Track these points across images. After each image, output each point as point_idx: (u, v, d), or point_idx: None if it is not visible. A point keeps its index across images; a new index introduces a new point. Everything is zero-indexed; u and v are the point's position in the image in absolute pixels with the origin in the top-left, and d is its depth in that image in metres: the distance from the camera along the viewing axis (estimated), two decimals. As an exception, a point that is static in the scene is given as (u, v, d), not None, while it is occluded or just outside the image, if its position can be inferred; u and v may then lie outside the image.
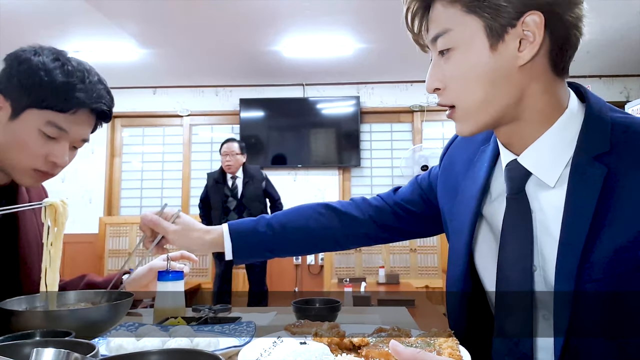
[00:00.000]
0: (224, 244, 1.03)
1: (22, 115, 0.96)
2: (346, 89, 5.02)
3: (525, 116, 0.74)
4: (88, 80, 0.99)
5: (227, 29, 3.69)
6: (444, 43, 0.73)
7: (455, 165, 0.93)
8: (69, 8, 3.29)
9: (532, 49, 0.69)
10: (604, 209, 0.68)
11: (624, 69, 4.65)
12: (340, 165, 4.94)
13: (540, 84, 0.72)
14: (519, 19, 0.69)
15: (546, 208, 0.74)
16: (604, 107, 0.74)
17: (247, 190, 3.93)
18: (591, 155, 0.70)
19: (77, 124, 1.00)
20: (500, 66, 0.71)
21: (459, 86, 0.74)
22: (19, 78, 0.95)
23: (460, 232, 0.85)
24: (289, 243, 1.06)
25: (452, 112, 0.77)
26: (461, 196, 0.87)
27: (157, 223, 1.03)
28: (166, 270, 1.19)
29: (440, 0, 0.73)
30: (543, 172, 0.74)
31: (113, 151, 5.13)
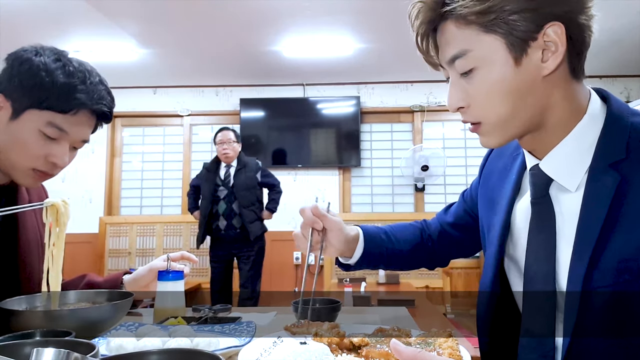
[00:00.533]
0: (357, 245, 1.02)
1: (22, 116, 0.96)
2: (346, 89, 5.02)
3: (549, 124, 0.74)
4: (89, 81, 0.99)
5: (227, 29, 3.69)
6: (464, 64, 0.72)
7: (492, 175, 0.94)
8: (69, 8, 3.29)
9: (556, 58, 0.69)
10: (614, 216, 0.68)
11: (624, 69, 4.65)
12: (340, 165, 4.95)
13: (562, 90, 0.73)
14: (540, 32, 0.68)
15: (565, 212, 0.75)
16: (626, 112, 0.74)
17: (238, 179, 3.75)
18: (607, 162, 0.70)
19: (78, 124, 0.99)
20: (525, 79, 0.71)
21: (484, 103, 0.73)
22: (20, 78, 0.95)
23: (495, 240, 0.86)
24: (400, 254, 1.07)
25: (477, 127, 0.77)
26: (497, 206, 0.89)
27: (325, 216, 0.96)
28: (166, 270, 1.19)
29: (453, 22, 0.72)
30: (563, 178, 0.74)
31: (113, 151, 5.13)
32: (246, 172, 3.77)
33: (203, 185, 3.83)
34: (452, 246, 1.08)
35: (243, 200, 3.67)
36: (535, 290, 0.77)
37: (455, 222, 1.07)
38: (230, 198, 3.72)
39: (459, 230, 1.07)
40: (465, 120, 0.78)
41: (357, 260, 1.03)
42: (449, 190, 4.91)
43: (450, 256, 1.11)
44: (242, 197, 3.69)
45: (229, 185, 3.74)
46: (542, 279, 0.76)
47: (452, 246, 1.08)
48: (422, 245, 1.08)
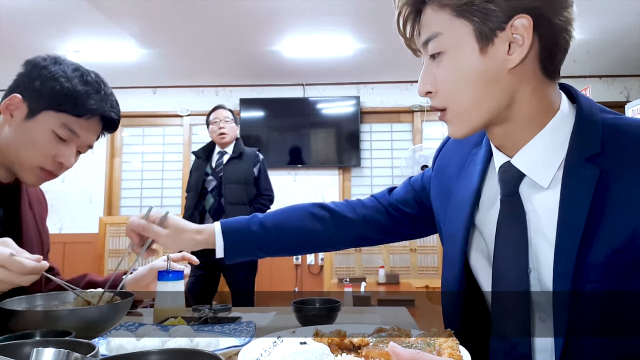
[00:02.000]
0: (216, 243, 1.02)
1: (38, 116, 1.03)
2: (346, 89, 5.02)
3: (517, 118, 0.75)
4: (103, 92, 1.08)
5: (227, 29, 3.69)
6: (434, 47, 0.74)
7: (448, 168, 0.94)
8: (69, 8, 3.29)
9: (521, 52, 0.70)
10: (598, 210, 0.68)
11: (624, 69, 4.65)
12: (340, 165, 4.94)
13: (531, 87, 0.73)
14: (508, 23, 0.69)
15: (540, 210, 0.75)
16: (595, 108, 0.75)
17: (229, 169, 3.10)
18: (583, 157, 0.71)
19: (88, 129, 1.07)
20: (490, 69, 0.71)
21: (450, 89, 0.74)
22: (41, 81, 1.02)
23: (454, 236, 0.86)
24: (282, 243, 1.05)
25: (444, 114, 0.77)
26: (454, 200, 0.88)
27: (146, 228, 1.00)
28: (166, 270, 1.19)
29: (430, 5, 0.73)
30: (536, 174, 0.75)
31: (113, 151, 5.13)
32: (241, 162, 3.16)
33: (192, 176, 3.22)
34: (391, 229, 1.05)
35: (230, 196, 3.03)
36: (505, 289, 0.76)
37: (400, 206, 1.04)
38: (219, 191, 3.08)
39: (402, 215, 1.04)
40: (432, 106, 0.78)
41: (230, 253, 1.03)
42: (449, 190, 4.91)
43: (385, 240, 1.08)
44: (230, 191, 3.04)
45: (219, 176, 3.10)
46: (513, 278, 0.75)
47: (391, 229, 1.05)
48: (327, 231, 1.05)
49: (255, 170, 3.20)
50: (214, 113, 3.25)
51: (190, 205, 3.11)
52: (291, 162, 4.91)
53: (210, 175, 3.13)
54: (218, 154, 3.20)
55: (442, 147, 0.99)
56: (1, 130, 1.05)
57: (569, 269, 0.68)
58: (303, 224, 1.05)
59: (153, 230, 1.00)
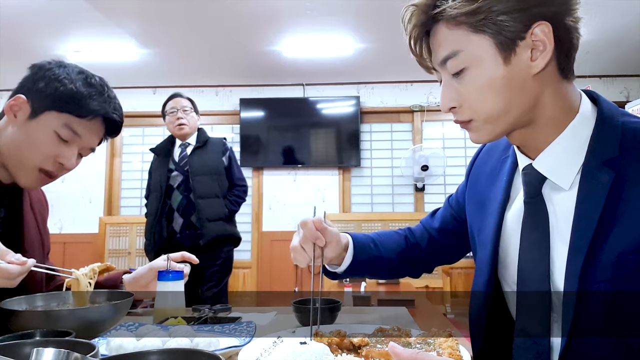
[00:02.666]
0: (347, 254, 0.99)
1: (41, 116, 1.03)
2: (346, 89, 5.02)
3: (539, 121, 0.76)
4: (107, 94, 1.08)
5: (227, 29, 3.69)
6: (455, 64, 0.74)
7: (480, 179, 0.95)
8: (69, 8, 3.29)
9: (545, 57, 0.71)
10: (611, 212, 0.69)
11: (624, 69, 4.65)
12: (340, 165, 4.94)
13: (552, 89, 0.74)
14: (527, 31, 0.70)
15: (559, 211, 0.76)
16: (616, 112, 0.76)
17: (196, 160, 2.78)
18: (601, 160, 0.72)
19: (90, 130, 1.08)
20: (515, 77, 0.72)
21: (476, 101, 0.75)
22: (45, 82, 1.03)
23: (487, 242, 0.87)
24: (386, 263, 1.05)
25: (468, 124, 0.78)
26: (488, 208, 0.89)
27: (325, 229, 0.93)
28: (166, 270, 1.19)
29: (444, 24, 0.74)
30: (557, 176, 0.76)
31: (113, 151, 5.13)
32: (207, 151, 2.84)
33: (153, 176, 2.86)
34: (438, 252, 1.07)
35: (200, 189, 2.72)
36: (529, 289, 0.77)
37: (442, 227, 1.06)
38: (187, 186, 2.74)
39: (445, 236, 1.06)
40: (457, 120, 0.79)
41: (345, 269, 1.00)
42: (449, 190, 4.91)
43: (436, 262, 1.10)
44: (199, 184, 2.72)
45: (184, 170, 2.77)
46: (536, 279, 0.76)
47: (438, 252, 1.07)
48: (408, 253, 1.07)
49: (224, 160, 2.88)
50: (171, 102, 2.89)
51: (153, 208, 2.75)
52: (291, 162, 4.91)
53: (174, 170, 2.79)
54: (180, 147, 2.86)
55: (475, 159, 1.01)
56: (4, 131, 1.05)
57: (577, 269, 0.69)
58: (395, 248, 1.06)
59: (330, 233, 0.94)
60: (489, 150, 0.96)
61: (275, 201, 4.98)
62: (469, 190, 0.98)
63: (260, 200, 4.98)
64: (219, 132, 5.12)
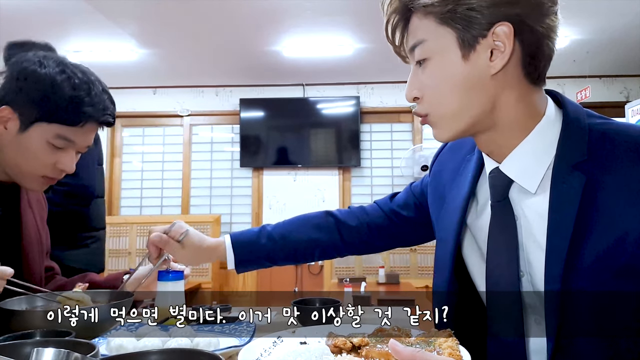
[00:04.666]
0: (227, 256, 1.07)
1: (31, 129, 0.99)
2: (346, 89, 5.02)
3: (501, 124, 0.75)
4: (94, 93, 1.02)
5: (227, 28, 3.69)
6: (420, 53, 0.76)
7: (443, 173, 0.95)
8: (69, 8, 3.29)
9: (503, 58, 0.71)
10: (585, 216, 0.69)
11: (624, 69, 4.65)
12: (340, 165, 4.94)
13: (514, 93, 0.74)
14: (489, 30, 0.70)
15: (529, 214, 0.76)
16: (582, 114, 0.76)
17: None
18: (570, 163, 0.72)
19: (84, 134, 1.05)
20: (473, 75, 0.73)
21: (434, 95, 0.76)
22: (28, 92, 0.98)
23: (446, 241, 0.87)
24: (288, 253, 1.10)
25: (425, 119, 0.79)
26: (447, 205, 0.90)
27: (166, 244, 1.06)
28: (166, 270, 1.19)
29: (416, 13, 0.75)
30: (524, 179, 0.76)
31: (113, 151, 5.13)
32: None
33: None
34: (393, 234, 1.09)
35: None
36: (499, 290, 0.78)
37: (401, 211, 1.07)
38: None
39: (402, 220, 1.07)
40: (416, 112, 0.80)
41: (240, 265, 1.08)
42: (449, 190, 4.91)
43: (388, 245, 1.12)
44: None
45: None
46: (506, 280, 0.76)
47: (393, 234, 1.09)
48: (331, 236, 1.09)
49: None
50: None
51: None
52: (291, 162, 4.91)
53: None
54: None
55: (439, 153, 1.01)
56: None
57: (558, 272, 0.70)
58: (309, 234, 1.09)
59: (172, 248, 1.06)
60: (454, 146, 0.96)
61: (275, 201, 4.98)
62: (431, 182, 0.99)
63: (260, 200, 4.98)
64: (219, 132, 5.12)
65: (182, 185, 5.07)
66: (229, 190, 5.04)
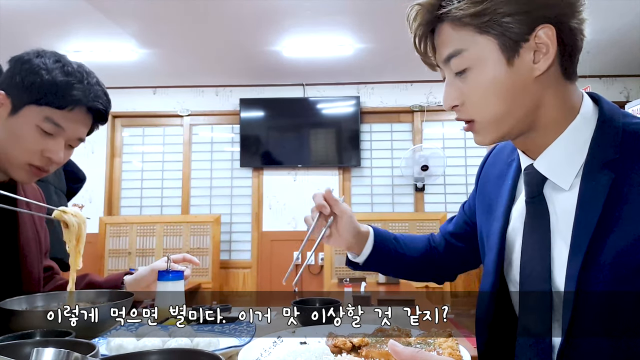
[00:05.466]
0: (366, 245, 1.03)
1: (21, 112, 1.00)
2: (346, 89, 5.02)
3: (541, 122, 0.76)
4: (87, 81, 1.03)
5: (227, 29, 3.69)
6: (459, 63, 0.75)
7: (488, 183, 0.96)
8: (69, 8, 3.29)
9: (547, 59, 0.72)
10: (610, 214, 0.69)
11: (624, 69, 4.65)
12: (340, 165, 4.94)
13: (554, 91, 0.75)
14: (531, 34, 0.71)
15: (559, 211, 0.76)
16: (617, 113, 0.76)
17: None
18: (601, 161, 0.72)
19: (74, 121, 1.03)
20: (518, 79, 0.73)
21: (478, 101, 0.76)
22: (22, 76, 0.99)
23: (493, 245, 0.87)
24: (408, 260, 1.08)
25: (471, 125, 0.79)
26: (495, 212, 0.90)
27: (336, 201, 0.98)
28: (166, 270, 1.19)
29: (449, 24, 0.75)
30: (557, 176, 0.76)
31: (113, 151, 5.13)
32: None
33: None
34: (456, 257, 1.09)
35: None
36: (531, 289, 0.78)
37: (455, 231, 1.08)
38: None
39: (460, 241, 1.07)
40: (459, 118, 0.80)
41: (367, 259, 1.03)
42: (448, 190, 4.91)
43: (456, 269, 1.12)
44: None
45: None
46: (537, 278, 0.77)
47: (456, 257, 1.09)
48: (429, 256, 1.09)
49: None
50: None
51: None
52: (291, 162, 4.91)
53: None
54: None
55: (483, 164, 1.02)
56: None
57: (576, 270, 0.70)
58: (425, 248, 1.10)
59: (341, 207, 0.98)
60: (497, 154, 0.97)
61: (275, 201, 4.98)
62: (478, 195, 0.99)
63: (260, 200, 4.98)
64: (219, 132, 5.12)
65: (182, 185, 5.07)
66: (229, 190, 5.04)
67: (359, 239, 1.02)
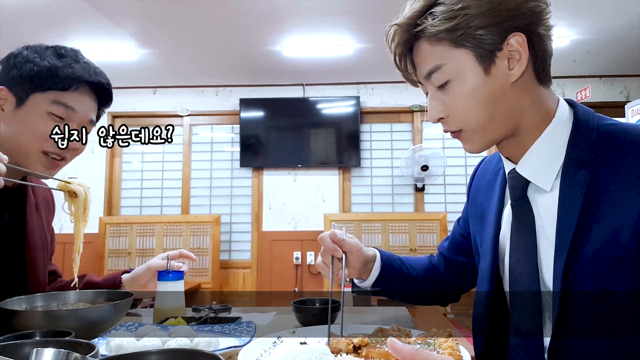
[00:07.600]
0: (374, 266, 1.05)
1: (27, 102, 1.00)
2: (346, 89, 5.02)
3: (522, 128, 0.79)
4: (83, 61, 1.06)
5: (227, 29, 3.69)
6: (439, 77, 0.78)
7: (479, 194, 0.99)
8: (69, 8, 3.29)
9: (521, 65, 0.75)
10: (589, 212, 0.72)
11: (624, 69, 4.65)
12: (340, 165, 4.94)
13: (530, 96, 0.78)
14: (504, 42, 0.75)
15: (543, 212, 0.79)
16: (592, 115, 0.80)
17: None
18: (578, 162, 0.75)
19: (81, 101, 1.04)
20: (496, 86, 0.76)
21: (462, 111, 0.79)
22: (17, 69, 1.00)
23: (487, 252, 0.89)
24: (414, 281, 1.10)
25: (459, 134, 0.82)
26: (486, 220, 0.92)
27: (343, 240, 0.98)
28: (166, 270, 1.19)
29: (426, 40, 0.78)
30: (538, 179, 0.79)
31: (113, 151, 5.13)
32: None
33: None
34: (457, 274, 1.10)
35: None
36: (520, 290, 0.80)
37: (451, 246, 1.10)
38: None
39: (459, 254, 1.09)
40: (446, 130, 0.83)
41: (375, 280, 1.06)
42: (448, 190, 4.91)
43: (459, 287, 1.13)
44: None
45: None
46: (526, 279, 0.79)
47: (457, 274, 1.10)
48: (432, 275, 1.11)
49: None
50: None
51: None
52: (291, 162, 4.91)
53: None
54: None
55: (473, 176, 1.04)
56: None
57: (561, 268, 0.72)
58: (427, 267, 1.13)
59: (349, 243, 0.99)
60: (484, 166, 1.00)
61: (275, 201, 4.99)
62: (470, 206, 1.02)
63: (260, 200, 4.98)
64: (219, 132, 5.12)
65: (182, 185, 5.07)
66: (228, 190, 5.04)
67: (366, 264, 1.05)
